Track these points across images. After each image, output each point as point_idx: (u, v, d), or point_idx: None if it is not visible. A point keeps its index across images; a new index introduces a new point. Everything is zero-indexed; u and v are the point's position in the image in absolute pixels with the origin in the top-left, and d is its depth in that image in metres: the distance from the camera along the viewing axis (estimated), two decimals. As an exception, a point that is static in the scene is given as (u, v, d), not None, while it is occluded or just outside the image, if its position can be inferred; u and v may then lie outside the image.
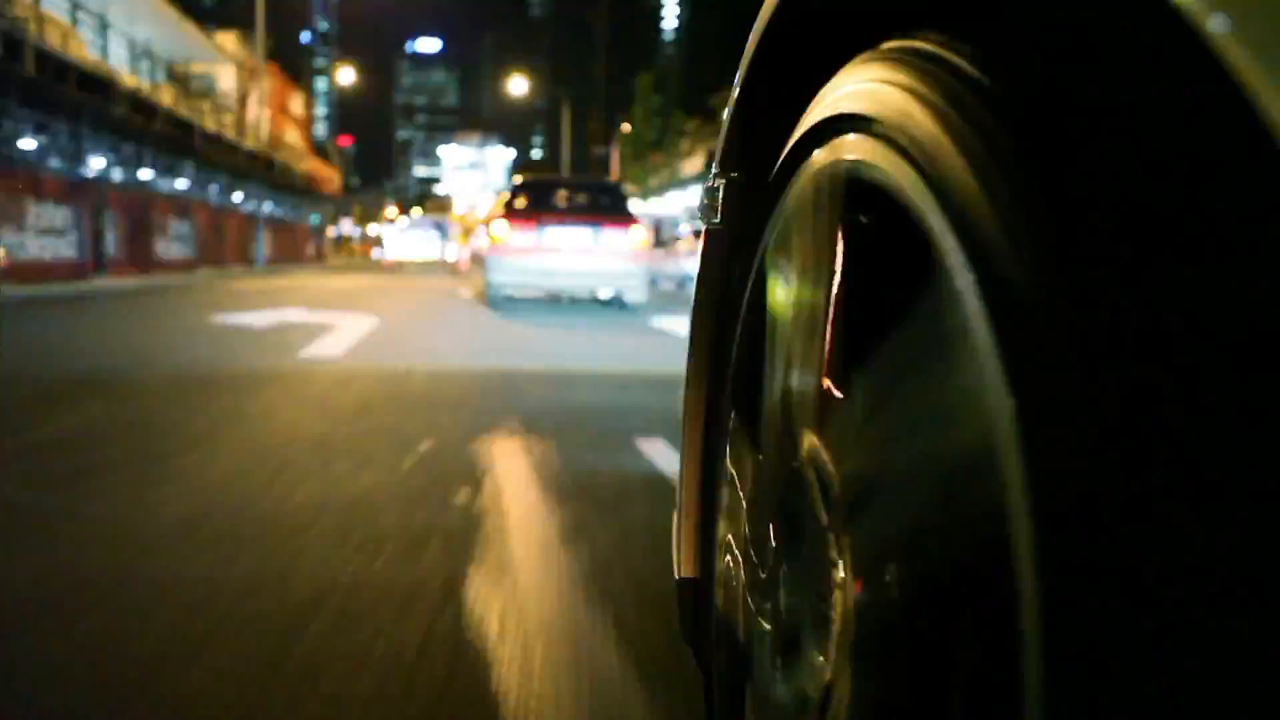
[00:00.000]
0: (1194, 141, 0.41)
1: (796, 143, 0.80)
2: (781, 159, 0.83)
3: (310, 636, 1.51)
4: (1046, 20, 0.52)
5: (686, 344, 0.93)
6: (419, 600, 1.68)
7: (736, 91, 0.89)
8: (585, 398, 4.33)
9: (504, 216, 10.87)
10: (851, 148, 0.68)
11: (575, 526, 2.20)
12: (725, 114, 0.91)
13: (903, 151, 0.56)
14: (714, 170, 0.92)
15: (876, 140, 0.62)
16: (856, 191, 0.69)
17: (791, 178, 0.81)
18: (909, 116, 0.55)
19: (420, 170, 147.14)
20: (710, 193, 0.92)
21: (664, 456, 2.95)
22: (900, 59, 0.61)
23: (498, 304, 10.98)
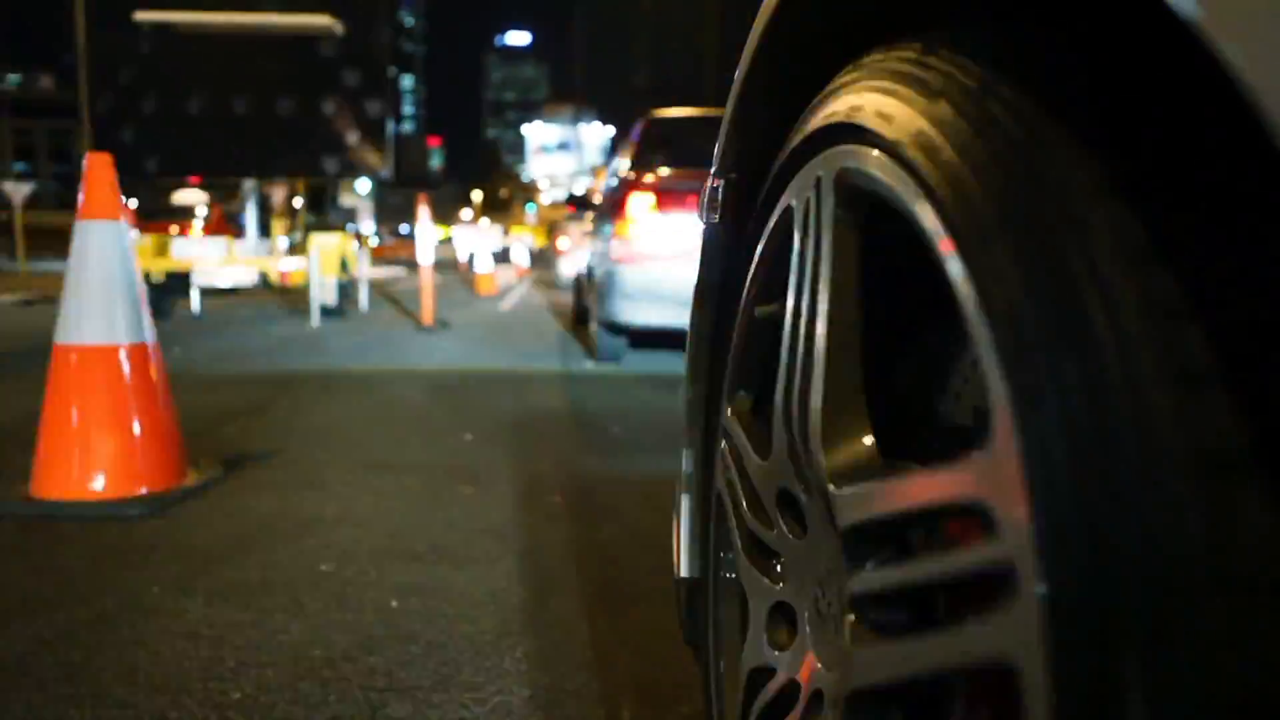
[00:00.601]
0: (1194, 141, 0.43)
1: (796, 143, 0.84)
2: (781, 159, 0.87)
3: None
4: (1043, 25, 0.55)
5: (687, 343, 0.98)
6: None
7: (736, 92, 0.94)
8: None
9: (646, 187, 5.44)
10: (849, 152, 0.71)
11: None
12: (724, 115, 0.96)
13: (899, 157, 0.60)
14: (713, 170, 0.97)
15: (873, 146, 0.65)
16: (854, 194, 0.73)
17: (790, 178, 0.85)
18: (906, 122, 0.59)
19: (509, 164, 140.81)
20: (710, 192, 0.97)
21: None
22: (895, 64, 0.65)
23: (614, 354, 6.06)
